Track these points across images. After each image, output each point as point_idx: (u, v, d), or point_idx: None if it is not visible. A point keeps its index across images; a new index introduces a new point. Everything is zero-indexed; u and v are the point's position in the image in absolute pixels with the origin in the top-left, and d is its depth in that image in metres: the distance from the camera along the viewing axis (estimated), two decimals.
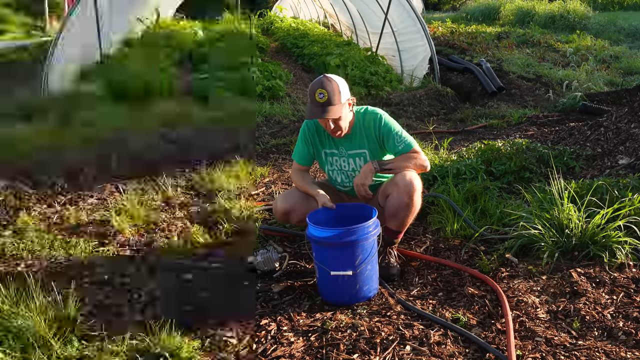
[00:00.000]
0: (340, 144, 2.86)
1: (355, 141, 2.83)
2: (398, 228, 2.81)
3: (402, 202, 2.69)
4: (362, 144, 2.83)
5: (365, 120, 2.80)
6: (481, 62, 9.29)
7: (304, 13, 21.78)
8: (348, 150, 2.86)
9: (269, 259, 2.84)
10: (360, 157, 2.86)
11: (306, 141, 2.94)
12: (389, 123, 2.80)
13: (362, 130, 2.81)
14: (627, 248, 2.70)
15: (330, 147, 2.90)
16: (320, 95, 2.58)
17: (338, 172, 2.96)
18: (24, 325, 2.26)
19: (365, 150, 2.83)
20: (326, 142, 2.91)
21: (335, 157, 2.91)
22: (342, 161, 2.90)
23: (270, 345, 2.28)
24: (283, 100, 7.55)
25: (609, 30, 14.29)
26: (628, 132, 4.32)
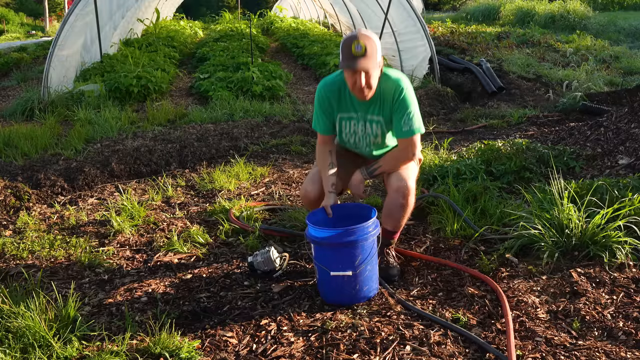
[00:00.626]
0: (359, 108, 2.77)
1: (374, 107, 2.74)
2: (394, 228, 2.81)
3: (397, 203, 2.70)
4: (380, 110, 2.74)
5: (386, 86, 2.69)
6: (481, 62, 9.29)
7: (304, 13, 21.79)
8: (367, 115, 2.77)
9: (269, 259, 2.84)
10: (377, 123, 2.77)
11: (322, 107, 2.83)
12: (407, 99, 2.68)
13: (381, 95, 2.71)
14: (627, 248, 2.70)
15: (347, 111, 2.80)
16: (357, 48, 2.49)
17: (351, 135, 2.87)
18: (24, 325, 2.26)
19: (381, 117, 2.75)
20: (344, 105, 2.80)
21: (353, 120, 2.81)
22: (360, 125, 2.81)
23: (270, 345, 2.28)
24: (283, 100, 7.55)
25: (609, 30, 14.28)
26: (628, 132, 4.32)
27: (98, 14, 8.36)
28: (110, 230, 3.49)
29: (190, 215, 3.77)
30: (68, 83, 7.62)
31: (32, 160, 4.90)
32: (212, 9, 33.81)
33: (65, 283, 2.88)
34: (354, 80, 2.57)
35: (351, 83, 2.60)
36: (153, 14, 14.61)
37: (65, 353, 2.18)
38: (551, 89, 7.81)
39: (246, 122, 6.17)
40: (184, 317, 2.53)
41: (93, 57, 9.01)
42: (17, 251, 3.23)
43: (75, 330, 2.32)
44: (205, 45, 12.28)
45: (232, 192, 4.20)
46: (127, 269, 3.04)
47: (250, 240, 3.23)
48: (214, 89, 7.72)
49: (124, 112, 6.55)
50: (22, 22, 30.06)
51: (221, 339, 2.33)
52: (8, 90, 9.27)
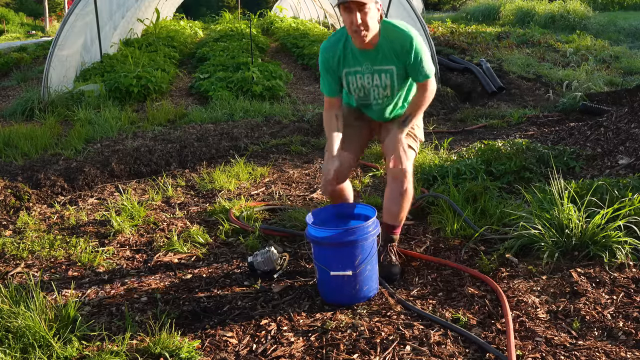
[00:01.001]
0: (365, 60, 2.77)
1: (381, 56, 2.74)
2: (395, 221, 2.82)
3: (397, 190, 2.74)
4: (391, 59, 2.74)
5: (394, 37, 2.70)
6: (481, 62, 9.28)
7: (304, 13, 21.80)
8: (374, 66, 2.77)
9: (269, 259, 2.84)
10: (387, 73, 2.77)
11: (326, 66, 2.84)
12: (419, 49, 2.70)
13: (390, 45, 2.71)
14: (627, 248, 2.70)
15: (353, 65, 2.80)
16: None
17: (360, 89, 2.87)
18: (24, 325, 2.26)
19: (393, 67, 2.75)
20: (349, 60, 2.80)
21: (359, 75, 2.81)
22: (367, 78, 2.81)
23: (270, 345, 2.28)
24: (283, 100, 7.55)
25: (609, 30, 14.28)
26: (628, 132, 4.32)
27: (98, 14, 8.37)
28: (110, 230, 3.49)
29: (190, 215, 3.77)
30: (68, 83, 7.62)
31: (32, 160, 4.90)
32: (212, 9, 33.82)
33: (65, 283, 2.88)
34: (351, 20, 2.57)
35: (349, 24, 2.60)
36: (153, 14, 14.62)
37: (65, 353, 2.18)
38: (551, 89, 7.81)
39: (246, 122, 6.17)
40: (184, 317, 2.53)
41: (93, 57, 9.01)
42: (17, 251, 3.23)
43: (75, 330, 2.32)
44: (205, 45, 12.28)
45: (232, 192, 4.20)
46: (127, 269, 3.04)
47: (250, 240, 3.23)
48: (214, 89, 7.72)
49: (124, 112, 6.55)
50: (22, 22, 30.08)
51: (221, 339, 2.33)
52: (8, 90, 9.27)
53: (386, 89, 2.83)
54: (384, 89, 2.83)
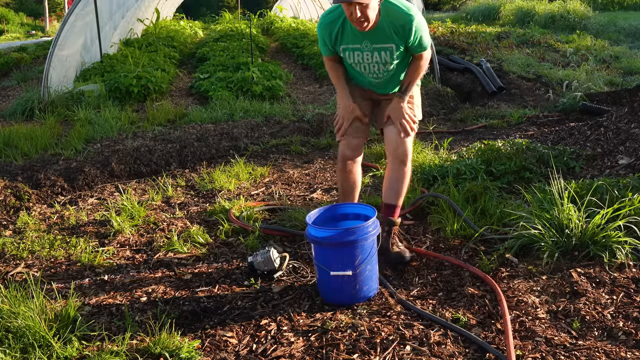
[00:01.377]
0: (364, 38, 2.78)
1: (381, 35, 2.76)
2: (395, 200, 2.95)
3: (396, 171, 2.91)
4: (390, 37, 2.76)
5: (395, 16, 2.71)
6: (481, 62, 9.28)
7: (304, 13, 21.80)
8: (373, 44, 2.79)
9: (269, 259, 2.84)
10: (386, 50, 2.80)
11: (325, 41, 2.88)
12: (419, 28, 2.74)
13: (390, 25, 2.73)
14: (627, 248, 2.70)
15: (353, 42, 2.81)
16: None
17: (357, 64, 2.90)
18: (24, 325, 2.26)
19: (393, 45, 2.78)
20: (348, 38, 2.81)
21: (357, 52, 2.84)
22: (365, 55, 2.84)
23: (270, 345, 2.28)
24: (283, 100, 7.55)
25: (609, 30, 14.28)
26: (628, 132, 4.32)
27: (98, 14, 8.37)
28: (110, 230, 3.49)
29: (190, 215, 3.77)
30: (68, 83, 7.62)
31: (32, 160, 4.90)
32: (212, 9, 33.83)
33: (65, 283, 2.88)
34: (350, 12, 2.59)
35: (348, 14, 2.62)
36: (153, 14, 14.62)
37: (65, 353, 2.18)
38: (551, 89, 7.81)
39: (246, 122, 6.17)
40: (184, 317, 2.53)
41: (93, 57, 9.02)
42: (17, 251, 3.23)
43: (75, 330, 2.32)
44: (205, 45, 12.28)
45: (232, 192, 4.20)
46: (127, 269, 3.04)
47: (250, 240, 3.23)
48: (214, 89, 7.72)
49: (124, 112, 6.55)
50: (22, 22, 30.08)
51: (221, 339, 2.33)
52: (8, 90, 9.27)
53: (385, 64, 2.87)
54: (383, 64, 2.87)
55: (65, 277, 2.95)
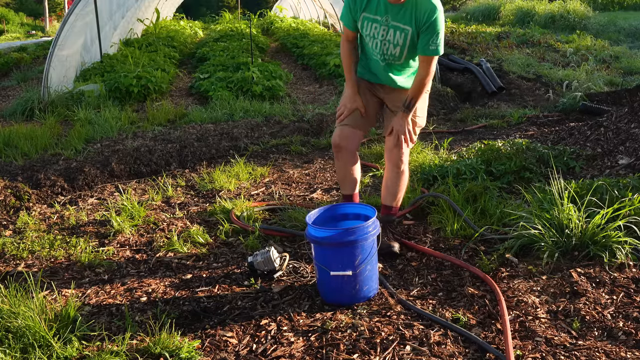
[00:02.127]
0: (386, 12, 2.80)
1: (404, 15, 2.77)
2: (392, 201, 3.07)
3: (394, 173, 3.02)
4: (410, 21, 2.77)
5: (421, 3, 2.73)
6: (481, 62, 9.28)
7: (304, 13, 21.79)
8: (393, 21, 2.80)
9: (269, 259, 2.84)
10: (402, 32, 2.81)
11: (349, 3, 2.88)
12: (439, 23, 2.75)
13: (414, 8, 2.74)
14: (627, 248, 2.70)
15: (375, 13, 2.83)
16: None
17: (370, 38, 2.92)
18: (24, 325, 2.26)
19: (410, 29, 2.79)
20: (372, 7, 2.83)
21: (376, 24, 2.85)
22: (382, 29, 2.85)
23: (270, 345, 2.28)
24: (283, 100, 7.55)
25: (609, 30, 14.28)
26: (628, 132, 4.32)
27: (98, 14, 8.37)
28: (110, 230, 3.49)
29: (190, 215, 3.77)
30: (68, 83, 7.62)
31: (32, 160, 4.90)
32: (212, 9, 33.84)
33: (65, 283, 2.88)
34: None
35: None
36: (153, 14, 14.62)
37: (65, 353, 2.18)
38: (551, 89, 7.81)
39: (246, 122, 6.17)
40: (184, 317, 2.53)
41: (93, 57, 9.01)
42: (17, 251, 3.23)
43: (75, 330, 2.32)
44: (205, 45, 12.28)
45: (232, 192, 4.20)
46: (127, 269, 3.04)
47: (250, 240, 3.23)
48: (214, 89, 7.72)
49: (124, 112, 6.55)
50: (22, 22, 30.08)
51: (221, 339, 2.33)
52: (8, 90, 9.27)
53: (396, 47, 2.87)
54: (394, 46, 2.87)
55: (65, 277, 2.95)
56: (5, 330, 2.28)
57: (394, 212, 3.12)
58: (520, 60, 9.82)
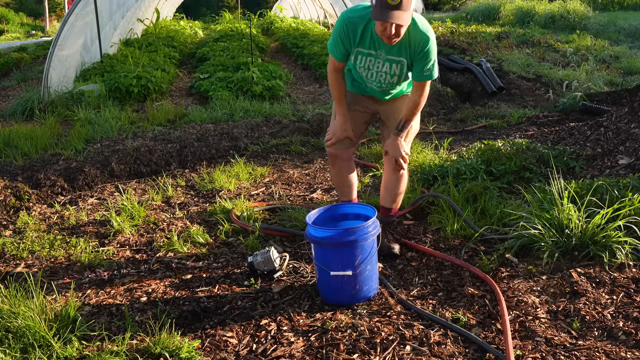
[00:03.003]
0: (380, 47, 2.79)
1: (398, 49, 2.76)
2: (391, 204, 3.06)
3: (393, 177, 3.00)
4: (405, 53, 2.77)
5: (414, 35, 2.71)
6: (481, 62, 9.28)
7: (304, 13, 21.79)
8: (387, 55, 2.80)
9: (269, 259, 2.84)
10: (397, 64, 2.81)
11: (342, 38, 2.82)
12: (432, 51, 2.75)
13: (407, 42, 2.74)
14: (627, 248, 2.70)
15: (368, 48, 2.81)
16: None
17: (365, 69, 2.91)
18: (24, 325, 2.26)
19: (405, 60, 2.79)
20: (366, 43, 2.80)
21: (371, 58, 2.84)
22: (377, 63, 2.84)
23: (270, 345, 2.28)
24: (283, 100, 7.55)
25: (609, 30, 14.28)
26: (628, 132, 4.32)
27: (98, 14, 8.37)
28: (110, 230, 3.49)
29: (190, 215, 3.77)
30: (68, 83, 7.62)
31: (32, 160, 4.90)
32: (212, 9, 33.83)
33: (65, 283, 2.88)
34: (384, 28, 2.56)
35: (380, 30, 2.60)
36: (153, 14, 14.61)
37: (65, 353, 2.18)
38: (551, 89, 7.81)
39: (246, 122, 6.17)
40: (184, 317, 2.53)
41: (93, 57, 9.01)
42: (17, 251, 3.23)
43: (75, 330, 2.32)
44: (205, 45, 12.27)
45: (232, 192, 4.20)
46: (127, 269, 3.04)
47: (250, 240, 3.23)
48: (214, 89, 7.72)
49: (124, 112, 6.55)
50: (22, 22, 30.07)
51: (221, 339, 2.33)
52: (8, 90, 9.27)
53: (393, 77, 2.87)
54: (391, 76, 2.87)
55: (65, 277, 2.95)
56: (5, 330, 2.28)
57: (393, 214, 3.12)
58: (520, 60, 9.82)
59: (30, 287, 2.50)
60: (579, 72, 8.50)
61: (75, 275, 2.98)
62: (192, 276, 2.92)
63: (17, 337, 2.23)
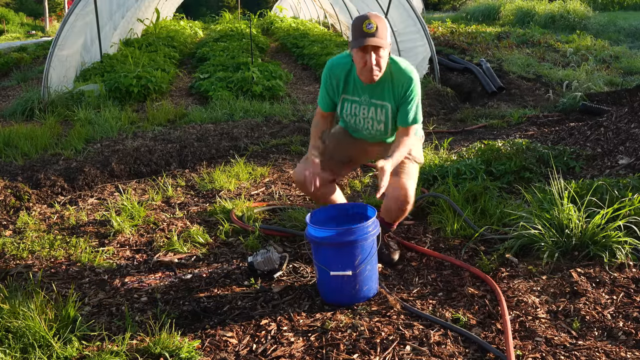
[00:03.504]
0: (365, 92, 2.80)
1: (381, 91, 2.77)
2: (392, 221, 2.93)
3: (395, 207, 2.77)
4: (388, 97, 2.77)
5: (397, 76, 2.72)
6: (481, 62, 9.29)
7: (304, 13, 21.79)
8: (371, 99, 2.80)
9: (269, 259, 2.84)
10: (382, 108, 2.79)
11: (327, 86, 2.86)
12: (415, 92, 2.74)
13: (391, 83, 2.74)
14: (627, 248, 2.70)
15: (353, 94, 2.83)
16: (368, 26, 2.53)
17: (352, 116, 2.90)
18: (23, 326, 2.26)
19: (389, 104, 2.78)
20: (350, 89, 2.83)
21: (355, 104, 2.85)
22: (362, 109, 2.84)
23: (270, 345, 2.28)
24: (283, 100, 7.55)
25: (609, 30, 14.29)
26: (628, 132, 4.32)
27: (98, 14, 8.36)
28: (110, 230, 3.49)
29: (190, 215, 3.77)
30: (68, 83, 7.61)
31: (32, 160, 4.90)
32: (212, 9, 33.82)
33: (65, 283, 2.88)
34: (365, 61, 2.59)
35: (361, 64, 2.61)
36: (153, 14, 14.61)
37: (65, 353, 2.18)
38: (551, 89, 7.81)
39: (246, 122, 6.17)
40: (184, 317, 2.53)
41: (93, 57, 9.01)
42: (17, 251, 3.23)
43: (75, 330, 2.32)
44: (205, 45, 12.27)
45: (232, 192, 4.20)
46: (127, 269, 3.04)
47: (250, 240, 3.23)
48: (214, 89, 7.72)
49: (124, 112, 6.55)
50: (22, 22, 30.06)
51: (221, 339, 2.33)
52: (8, 90, 9.27)
53: (380, 124, 2.85)
54: (377, 123, 2.85)
55: (65, 277, 2.95)
56: (5, 330, 2.28)
57: (392, 228, 3.00)
58: (520, 60, 9.82)
59: (30, 287, 2.50)
60: (579, 72, 8.50)
61: (75, 275, 2.98)
62: (192, 276, 2.92)
63: (17, 337, 2.24)
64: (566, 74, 8.46)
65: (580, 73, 8.37)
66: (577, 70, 8.76)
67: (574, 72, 8.54)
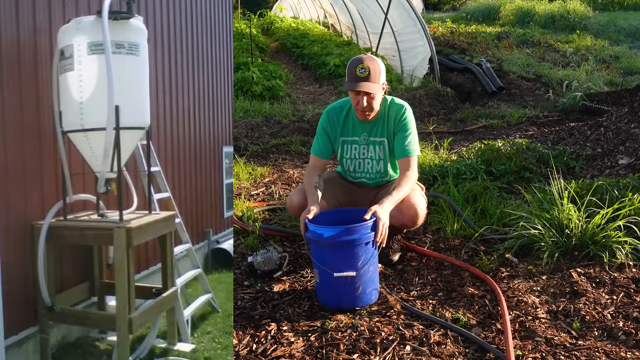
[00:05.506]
0: (363, 131, 2.87)
1: (378, 129, 2.84)
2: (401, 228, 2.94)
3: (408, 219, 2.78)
4: (383, 132, 2.84)
5: (390, 110, 2.82)
6: (481, 62, 9.29)
7: (304, 13, 21.80)
8: (370, 137, 2.87)
9: (269, 259, 2.84)
10: (380, 145, 2.86)
11: (324, 130, 2.91)
12: (408, 122, 2.80)
13: (385, 118, 2.83)
14: (627, 248, 2.70)
15: (352, 135, 2.90)
16: (361, 70, 2.64)
17: (352, 160, 2.94)
18: None
19: (385, 139, 2.85)
20: (348, 130, 2.89)
21: (355, 145, 2.91)
22: (362, 149, 2.90)
23: (270, 345, 2.28)
24: (283, 100, 7.55)
25: (609, 30, 14.29)
26: (628, 132, 4.32)
27: None
28: None
29: None
30: None
31: None
32: None
33: None
34: (357, 101, 2.73)
35: (355, 103, 2.76)
36: None
37: None
38: (551, 89, 7.82)
39: (246, 122, 6.17)
40: None
41: None
42: None
43: None
44: None
45: (232, 192, 4.19)
46: None
47: (250, 240, 3.23)
48: None
49: None
50: None
51: None
52: None
53: (379, 162, 2.89)
54: (377, 162, 2.89)
55: None
56: None
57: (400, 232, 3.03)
58: (520, 60, 9.82)
59: None
60: (579, 72, 8.51)
61: None
62: None
63: None
64: (566, 74, 8.47)
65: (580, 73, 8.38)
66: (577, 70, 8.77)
67: (574, 72, 8.55)
